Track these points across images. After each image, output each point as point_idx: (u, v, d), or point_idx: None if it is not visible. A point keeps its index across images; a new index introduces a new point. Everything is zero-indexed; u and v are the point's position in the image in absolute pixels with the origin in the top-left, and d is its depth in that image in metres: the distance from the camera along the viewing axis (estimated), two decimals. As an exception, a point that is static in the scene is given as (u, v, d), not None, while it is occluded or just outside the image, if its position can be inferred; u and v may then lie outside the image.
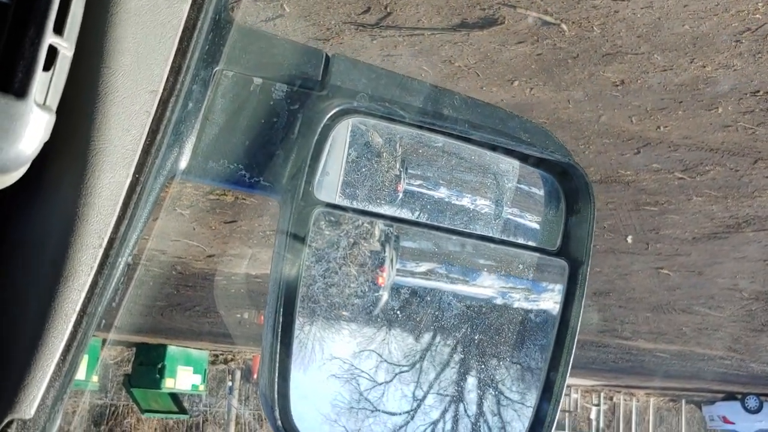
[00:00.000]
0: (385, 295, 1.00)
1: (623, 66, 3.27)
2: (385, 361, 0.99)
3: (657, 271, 6.87)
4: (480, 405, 1.05)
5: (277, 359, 0.80)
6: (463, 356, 1.05)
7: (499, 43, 3.16)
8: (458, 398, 1.03)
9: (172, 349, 12.72)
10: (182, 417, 14.35)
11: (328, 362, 0.95)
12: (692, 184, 4.60)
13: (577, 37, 3.07)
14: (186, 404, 14.65)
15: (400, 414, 0.99)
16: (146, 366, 12.32)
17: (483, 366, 1.06)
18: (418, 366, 1.02)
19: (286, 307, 0.80)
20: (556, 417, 0.98)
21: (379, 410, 0.98)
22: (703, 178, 4.48)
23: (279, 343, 0.80)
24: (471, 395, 1.04)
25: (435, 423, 1.00)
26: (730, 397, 18.29)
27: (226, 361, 16.64)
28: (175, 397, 13.04)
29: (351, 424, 0.95)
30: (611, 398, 20.96)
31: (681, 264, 6.66)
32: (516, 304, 1.10)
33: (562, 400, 0.97)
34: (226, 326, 11.14)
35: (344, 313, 0.96)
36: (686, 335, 10.40)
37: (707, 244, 5.94)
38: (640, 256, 6.39)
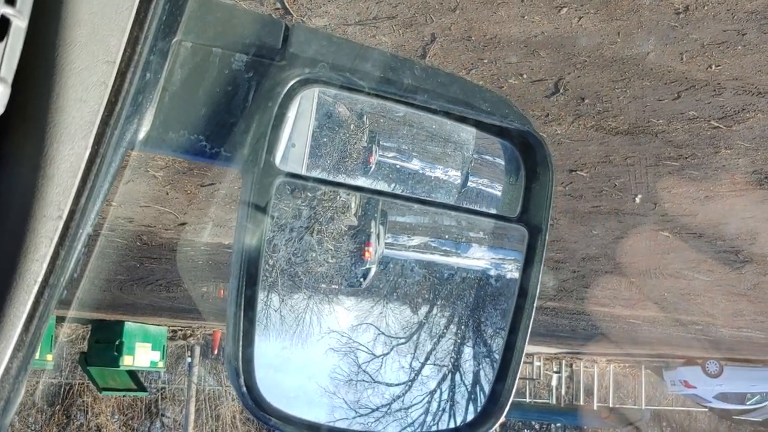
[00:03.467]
0: (373, 269, 1.02)
1: (694, -12, 2.83)
2: (375, 332, 1.02)
3: (657, 233, 6.56)
4: (445, 374, 1.07)
5: (241, 329, 0.80)
6: (433, 322, 1.07)
7: (558, -43, 2.68)
8: (419, 360, 1.06)
9: (130, 326, 12.47)
10: (141, 395, 14.14)
11: (319, 335, 0.96)
12: (725, 134, 4.23)
13: (652, -51, 2.62)
14: (144, 381, 14.30)
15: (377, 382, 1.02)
16: (103, 343, 12.08)
17: (450, 332, 1.08)
18: (382, 333, 1.03)
19: (248, 277, 0.80)
20: (515, 384, 1.00)
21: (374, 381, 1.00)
22: (740, 127, 4.11)
23: (242, 313, 0.80)
24: (437, 360, 1.07)
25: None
26: (690, 362, 18.52)
27: (185, 337, 16.23)
28: (133, 374, 12.85)
29: (349, 396, 0.98)
30: (571, 365, 21.08)
31: (684, 225, 6.36)
32: (494, 287, 1.11)
33: (521, 368, 1.00)
34: (188, 300, 10.68)
35: (328, 287, 0.97)
36: (666, 301, 10.24)
37: (718, 203, 5.62)
38: (644, 217, 6.06)
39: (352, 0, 3.06)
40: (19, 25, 0.58)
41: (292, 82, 0.82)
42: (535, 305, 1.01)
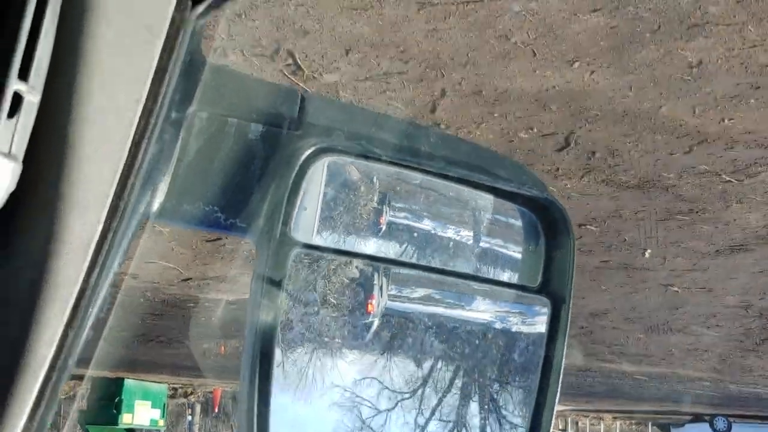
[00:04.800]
0: (376, 322, 0.99)
1: (707, 41, 2.83)
2: (379, 386, 0.99)
3: (666, 288, 6.50)
4: (450, 429, 1.05)
5: (255, 419, 0.79)
6: (438, 377, 1.05)
7: (571, 11, 2.68)
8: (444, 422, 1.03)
9: (130, 383, 12.33)
10: (141, 454, 13.82)
11: (326, 394, 0.94)
12: (737, 188, 4.20)
13: (666, 2, 2.62)
14: (144, 441, 14.06)
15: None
16: (103, 401, 11.95)
17: (455, 387, 1.06)
18: (400, 391, 1.01)
19: (263, 354, 0.79)
20: None
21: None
22: (752, 181, 4.09)
23: (257, 398, 0.78)
24: (442, 416, 1.05)
25: None
26: (698, 419, 18.29)
27: (186, 395, 16.02)
28: (133, 432, 12.60)
29: None
30: (577, 423, 20.79)
31: (693, 280, 6.29)
32: (503, 337, 1.09)
33: None
34: (190, 357, 10.55)
35: (334, 345, 0.95)
36: (673, 356, 10.11)
37: (728, 258, 5.57)
38: (653, 272, 6.00)
39: (363, 56, 3.06)
40: (32, 100, 0.57)
41: (308, 152, 0.81)
42: (560, 379, 0.98)
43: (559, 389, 0.98)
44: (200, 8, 0.69)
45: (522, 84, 3.17)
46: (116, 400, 11.94)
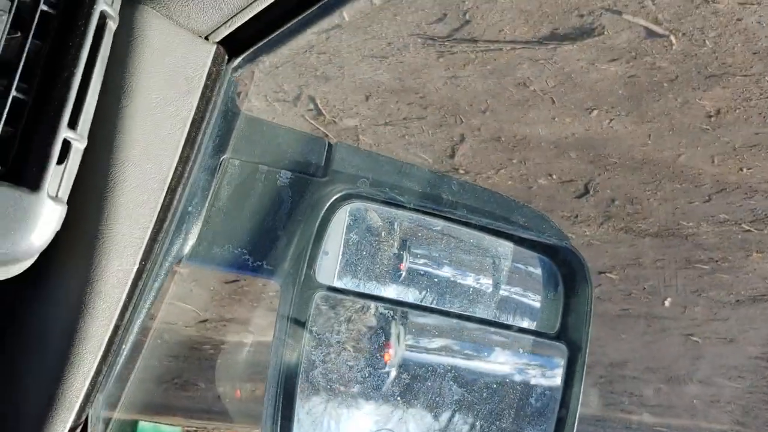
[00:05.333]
0: (393, 372, 0.99)
1: (725, 91, 2.84)
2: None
3: (686, 338, 6.41)
4: None
5: None
6: (455, 430, 1.03)
7: (589, 60, 2.71)
8: None
9: (144, 425, 12.18)
10: (151, 499, 13.67)
11: None
12: (757, 238, 4.17)
13: (683, 53, 2.64)
14: (155, 485, 13.90)
15: None
16: (116, 444, 11.74)
17: None
18: None
19: (286, 393, 0.81)
20: None
21: None
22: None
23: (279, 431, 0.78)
24: None
25: None
26: (721, 473, 17.79)
27: (199, 439, 15.87)
28: (145, 477, 12.46)
29: None
30: (596, 476, 20.33)
31: (714, 330, 6.20)
32: (519, 385, 1.08)
33: None
34: (205, 400, 10.49)
35: (351, 393, 0.94)
36: (695, 408, 9.90)
37: (750, 308, 5.50)
38: (673, 321, 5.93)
39: (383, 102, 3.11)
40: (79, 147, 0.60)
41: (333, 198, 0.84)
42: (576, 424, 0.99)
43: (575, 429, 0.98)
44: (236, 61, 0.73)
45: (541, 131, 3.19)
46: (130, 443, 11.82)
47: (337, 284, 0.93)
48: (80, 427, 0.65)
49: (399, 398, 1.01)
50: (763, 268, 4.62)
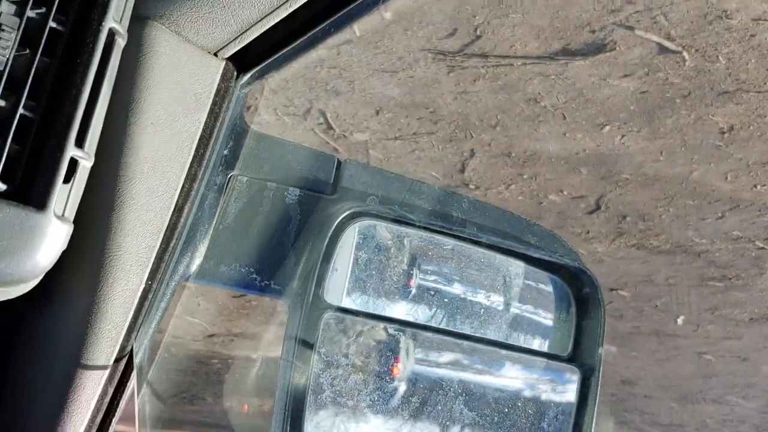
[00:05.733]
0: (402, 386, 0.98)
1: (738, 108, 2.82)
2: None
3: (699, 356, 6.35)
4: None
5: None
6: None
7: (601, 76, 2.69)
8: None
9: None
10: None
11: None
12: (771, 255, 4.13)
13: (696, 69, 2.62)
14: (162, 500, 13.88)
15: None
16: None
17: None
18: None
19: (294, 419, 0.79)
20: None
21: None
22: (787, 248, 4.01)
23: None
24: None
25: None
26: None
27: (206, 453, 15.85)
28: (151, 492, 12.45)
29: None
30: (607, 494, 20.18)
31: (727, 349, 6.14)
32: (530, 408, 1.06)
33: None
34: (212, 415, 10.47)
35: (359, 407, 0.92)
36: (708, 428, 9.80)
37: (764, 326, 5.44)
38: (686, 339, 5.87)
39: (393, 116, 3.09)
40: (86, 165, 0.60)
41: (342, 216, 0.83)
42: None
43: None
44: (245, 78, 0.72)
45: (552, 146, 3.17)
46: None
47: (346, 302, 0.92)
48: None
49: (408, 412, 1.00)
50: (777, 286, 4.57)
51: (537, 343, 1.09)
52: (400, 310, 1.01)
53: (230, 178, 0.78)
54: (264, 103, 2.94)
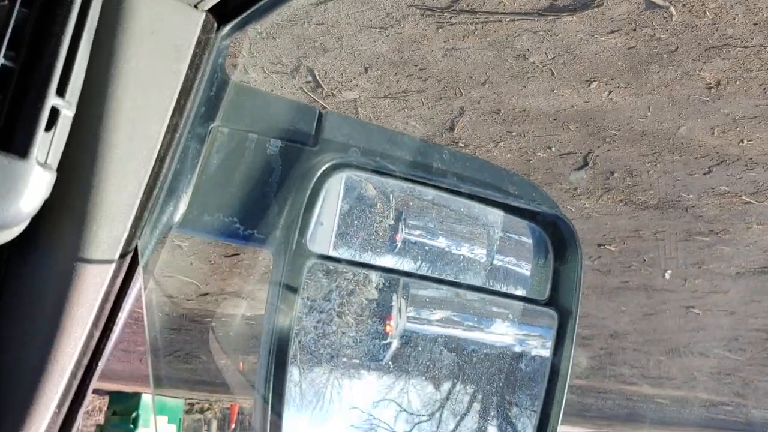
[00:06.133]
0: (395, 343, 1.01)
1: (725, 63, 2.83)
2: (397, 409, 0.99)
3: (687, 310, 6.43)
4: None
5: (269, 410, 0.81)
6: (456, 399, 1.06)
7: (588, 32, 2.69)
8: None
9: (147, 398, 12.33)
10: (156, 469, 13.80)
11: (344, 416, 0.95)
12: (757, 209, 4.17)
13: (683, 24, 2.62)
14: (160, 456, 14.03)
15: None
16: (120, 416, 11.94)
17: (474, 410, 1.07)
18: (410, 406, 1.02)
19: (278, 358, 0.81)
20: None
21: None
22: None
23: (271, 395, 0.81)
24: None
25: None
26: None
27: (202, 410, 16.00)
28: (149, 447, 12.60)
29: None
30: (597, 447, 20.50)
31: (714, 303, 6.23)
32: (513, 353, 1.11)
33: None
34: (207, 372, 10.56)
35: (352, 364, 0.96)
36: (696, 380, 9.97)
37: (750, 280, 5.51)
38: (674, 293, 5.94)
39: (382, 74, 3.09)
40: (67, 114, 0.61)
41: (324, 167, 0.84)
42: (566, 390, 1.01)
43: (565, 397, 1.00)
44: (225, 29, 0.73)
45: (540, 103, 3.18)
46: (133, 415, 11.99)
47: (333, 254, 0.94)
48: (74, 388, 0.66)
49: (401, 369, 1.03)
50: (763, 240, 4.62)
51: (516, 289, 1.12)
52: (387, 261, 1.03)
53: (212, 129, 0.79)
54: (251, 61, 2.93)
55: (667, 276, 5.46)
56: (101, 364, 0.67)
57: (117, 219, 0.66)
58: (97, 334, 0.66)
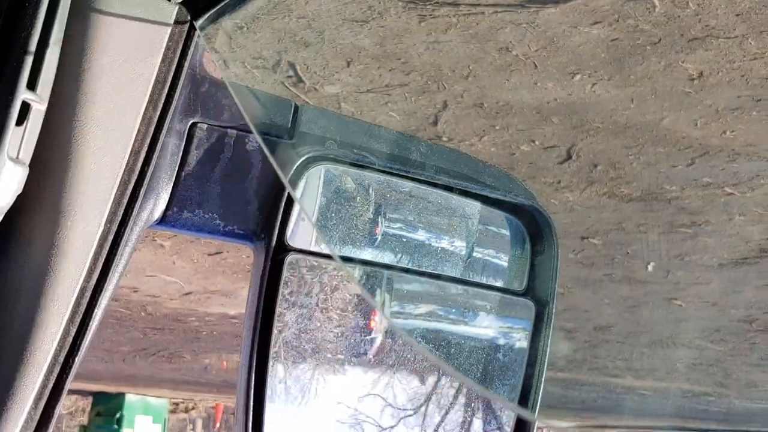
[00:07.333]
0: (379, 338, 1.01)
1: (708, 54, 2.83)
2: (382, 404, 0.99)
3: (669, 302, 6.47)
4: None
5: (251, 410, 0.81)
6: (441, 393, 1.06)
7: (572, 23, 2.68)
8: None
9: (131, 398, 12.30)
10: (140, 470, 13.74)
11: (329, 411, 0.95)
12: (740, 201, 4.19)
13: (666, 15, 2.62)
14: (144, 457, 13.96)
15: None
16: (104, 416, 11.88)
17: (459, 404, 1.07)
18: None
19: (260, 356, 0.81)
20: None
21: None
22: (754, 193, 4.08)
23: (252, 393, 0.81)
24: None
25: None
26: (702, 434, 18.15)
27: (186, 410, 15.96)
28: (133, 449, 12.53)
29: None
30: (581, 439, 20.66)
31: (697, 294, 6.27)
32: (487, 341, 1.11)
33: None
34: (192, 372, 10.52)
35: (337, 360, 0.96)
36: (678, 371, 10.06)
37: (732, 271, 5.55)
38: (657, 285, 5.97)
39: (365, 68, 3.07)
40: (39, 109, 0.61)
41: (300, 160, 0.84)
42: (543, 378, 1.02)
43: (542, 388, 1.01)
44: (200, 21, 0.72)
45: (523, 96, 3.17)
46: (117, 415, 11.93)
47: (314, 249, 0.93)
48: (50, 385, 0.65)
49: (386, 364, 1.02)
50: (745, 231, 4.65)
51: (495, 279, 1.12)
52: (366, 254, 1.02)
53: (190, 125, 0.79)
54: (231, 56, 2.89)
55: (650, 268, 5.49)
56: (78, 361, 0.66)
57: (91, 214, 0.65)
58: (73, 331, 0.65)
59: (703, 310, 6.72)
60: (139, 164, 0.68)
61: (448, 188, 0.97)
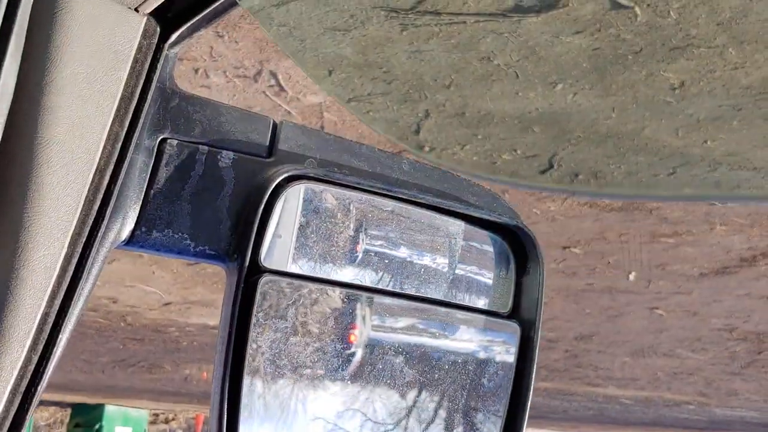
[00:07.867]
0: (359, 352, 1.00)
1: (689, 63, 2.84)
2: (362, 418, 1.00)
3: (651, 311, 6.50)
4: None
5: (225, 420, 0.79)
6: (422, 407, 1.06)
7: (554, 33, 2.68)
8: None
9: (110, 409, 12.21)
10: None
11: (308, 427, 0.95)
12: (720, 210, 4.22)
13: (648, 25, 2.63)
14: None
15: None
16: (83, 428, 11.78)
17: (440, 418, 1.07)
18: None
19: (234, 372, 0.79)
20: None
21: None
22: (735, 203, 4.10)
23: (226, 419, 0.79)
24: None
25: None
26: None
27: (166, 421, 15.84)
28: (112, 460, 12.46)
29: None
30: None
31: (678, 303, 6.29)
32: (485, 369, 1.09)
33: None
34: (171, 383, 10.42)
35: (316, 375, 0.95)
36: (659, 380, 10.11)
37: (713, 281, 5.58)
38: (638, 295, 5.99)
39: (347, 76, 3.05)
40: None
41: (278, 179, 0.81)
42: (529, 401, 1.01)
43: (528, 408, 1.01)
44: (172, 38, 0.68)
45: (505, 106, 3.17)
46: (96, 427, 11.84)
47: (293, 268, 0.90)
48: (11, 417, 0.61)
49: (366, 379, 0.99)
50: (726, 241, 4.67)
51: (479, 301, 1.11)
52: (347, 275, 1.00)
53: (160, 141, 0.75)
54: (213, 65, 2.87)
55: (631, 278, 5.51)
56: (40, 389, 0.63)
57: (54, 237, 0.62)
58: (35, 358, 0.62)
59: (684, 319, 6.75)
60: (105, 183, 0.65)
61: (431, 207, 0.95)
